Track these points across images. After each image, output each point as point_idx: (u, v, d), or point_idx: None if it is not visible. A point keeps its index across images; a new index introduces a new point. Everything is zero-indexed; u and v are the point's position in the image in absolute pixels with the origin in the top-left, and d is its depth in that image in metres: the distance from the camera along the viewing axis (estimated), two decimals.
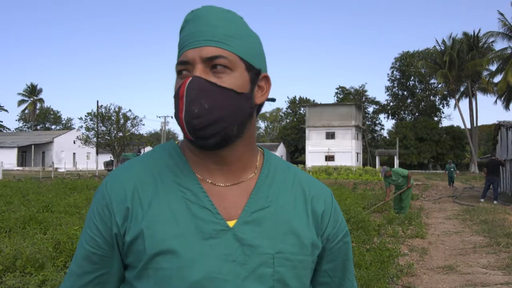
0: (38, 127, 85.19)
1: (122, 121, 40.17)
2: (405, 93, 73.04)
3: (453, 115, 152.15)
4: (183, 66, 0.92)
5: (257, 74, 0.98)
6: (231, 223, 0.94)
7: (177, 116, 0.91)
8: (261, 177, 1.02)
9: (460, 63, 54.04)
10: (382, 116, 79.87)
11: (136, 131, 41.10)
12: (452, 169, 25.08)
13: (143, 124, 71.18)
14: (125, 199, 0.93)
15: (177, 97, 0.90)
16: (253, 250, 0.93)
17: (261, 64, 0.99)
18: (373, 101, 76.49)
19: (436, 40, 78.69)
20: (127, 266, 0.96)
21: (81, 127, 40.94)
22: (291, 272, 0.95)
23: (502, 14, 44.91)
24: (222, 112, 0.89)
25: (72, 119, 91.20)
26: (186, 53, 0.92)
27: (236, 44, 0.94)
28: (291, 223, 0.98)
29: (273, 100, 1.08)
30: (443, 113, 74.95)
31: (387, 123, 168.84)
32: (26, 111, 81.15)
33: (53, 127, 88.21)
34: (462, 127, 60.78)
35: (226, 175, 0.99)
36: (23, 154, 58.57)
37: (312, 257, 1.00)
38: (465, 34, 55.76)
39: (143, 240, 0.90)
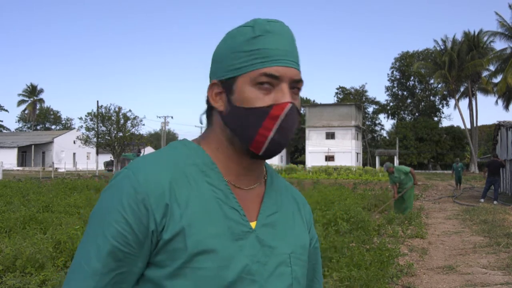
0: (38, 127, 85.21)
1: (122, 121, 40.21)
2: (405, 93, 73.10)
3: (453, 115, 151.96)
4: (269, 79, 0.94)
5: None
6: (252, 225, 0.99)
7: (254, 130, 0.95)
8: (268, 183, 1.08)
9: (460, 63, 54.06)
10: (382, 116, 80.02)
11: (136, 131, 41.16)
12: (459, 169, 23.56)
13: (143, 124, 71.15)
14: (163, 195, 0.90)
15: (265, 114, 0.94)
16: (272, 251, 0.98)
17: None
18: (373, 101, 76.53)
19: (435, 41, 78.41)
20: (151, 264, 0.91)
21: (81, 127, 41.01)
22: (301, 270, 1.04)
23: (500, 15, 44.98)
24: (293, 135, 0.99)
25: (72, 119, 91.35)
26: (277, 68, 0.95)
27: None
28: (295, 227, 1.07)
29: None
30: (443, 113, 75.23)
31: (387, 123, 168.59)
32: (26, 111, 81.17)
33: (53, 127, 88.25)
34: (462, 127, 60.85)
35: (247, 179, 1.03)
36: (23, 154, 58.60)
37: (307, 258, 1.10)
38: (465, 34, 55.79)
39: (184, 239, 0.89)
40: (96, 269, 0.88)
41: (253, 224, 0.99)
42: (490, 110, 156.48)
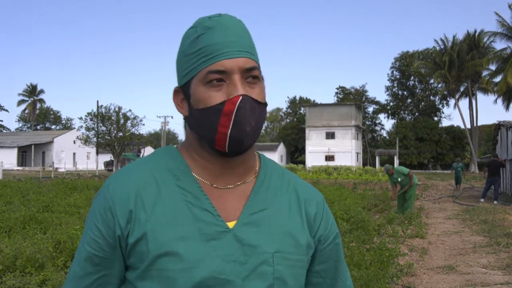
0: (38, 127, 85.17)
1: (122, 121, 40.19)
2: (405, 93, 73.05)
3: (453, 115, 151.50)
4: (218, 75, 0.94)
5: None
6: (230, 225, 0.97)
7: (213, 129, 0.94)
8: (258, 180, 1.05)
9: (460, 63, 54.05)
10: (382, 116, 79.97)
11: (136, 131, 41.13)
12: (459, 169, 23.03)
13: (143, 124, 71.33)
14: (128, 202, 0.95)
15: (219, 111, 0.93)
16: (253, 250, 0.96)
17: None
18: (373, 101, 76.49)
19: (435, 40, 78.24)
20: (128, 267, 0.98)
21: (81, 127, 40.98)
22: (289, 270, 0.99)
23: (500, 16, 44.96)
24: (259, 126, 0.97)
25: (72, 119, 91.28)
26: (222, 62, 0.93)
27: (256, 54, 1.00)
28: (287, 225, 1.02)
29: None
30: (443, 113, 75.13)
31: (387, 123, 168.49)
32: (26, 111, 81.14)
33: (53, 127, 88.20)
34: (462, 127, 60.81)
35: (227, 178, 1.02)
36: (23, 154, 58.57)
37: (307, 257, 1.04)
38: (465, 34, 55.82)
39: (146, 242, 0.93)
40: (75, 273, 0.98)
41: (233, 224, 0.98)
42: (490, 110, 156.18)
